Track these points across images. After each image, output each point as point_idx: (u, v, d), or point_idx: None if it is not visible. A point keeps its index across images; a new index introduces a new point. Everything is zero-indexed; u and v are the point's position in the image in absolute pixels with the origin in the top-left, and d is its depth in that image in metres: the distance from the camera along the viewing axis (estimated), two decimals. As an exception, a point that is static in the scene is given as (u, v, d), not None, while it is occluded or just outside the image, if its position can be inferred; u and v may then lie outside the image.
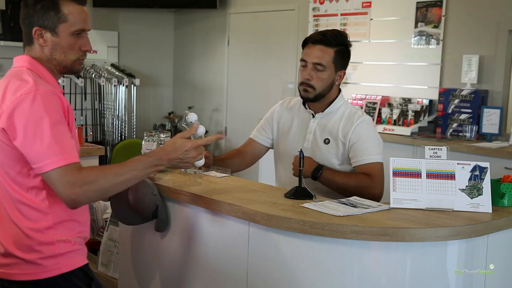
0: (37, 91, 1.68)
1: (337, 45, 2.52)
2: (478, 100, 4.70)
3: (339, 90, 2.64)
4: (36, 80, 1.73)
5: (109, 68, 6.71)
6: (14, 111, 1.66)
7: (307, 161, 2.40)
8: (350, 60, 2.63)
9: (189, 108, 7.01)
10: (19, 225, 1.75)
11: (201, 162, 2.40)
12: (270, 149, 2.82)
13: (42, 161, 1.65)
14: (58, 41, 1.80)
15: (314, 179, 2.45)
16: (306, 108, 2.64)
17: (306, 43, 2.57)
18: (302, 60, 2.56)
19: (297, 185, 2.08)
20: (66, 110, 1.75)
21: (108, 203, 2.77)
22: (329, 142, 2.54)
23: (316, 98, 2.55)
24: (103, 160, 4.25)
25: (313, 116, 2.61)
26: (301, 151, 2.16)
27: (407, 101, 5.16)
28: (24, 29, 1.84)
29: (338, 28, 5.78)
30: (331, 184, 2.46)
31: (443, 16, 5.02)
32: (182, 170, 2.38)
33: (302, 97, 2.61)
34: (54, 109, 1.69)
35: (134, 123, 6.96)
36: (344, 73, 2.59)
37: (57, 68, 1.85)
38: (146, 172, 1.81)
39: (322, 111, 2.59)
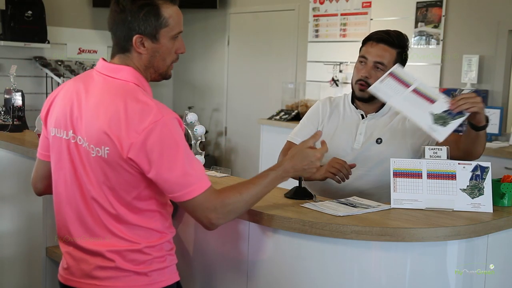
0: (164, 118, 1.60)
1: (400, 47, 2.45)
2: (478, 100, 4.70)
3: None
4: (156, 102, 1.65)
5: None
6: (146, 142, 1.58)
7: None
8: (351, 60, 2.61)
9: (189, 108, 7.01)
10: (135, 243, 1.72)
11: (201, 161, 2.40)
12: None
13: (181, 190, 1.62)
14: (158, 47, 1.71)
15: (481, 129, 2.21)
16: (356, 108, 2.56)
17: (368, 40, 2.49)
18: (362, 57, 2.47)
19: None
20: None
21: None
22: (381, 141, 2.47)
23: (372, 98, 2.45)
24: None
25: (363, 117, 2.53)
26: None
27: (407, 101, 5.16)
28: (119, 35, 1.71)
29: (338, 28, 5.79)
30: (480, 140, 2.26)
31: (443, 16, 5.02)
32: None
33: (357, 97, 2.51)
34: (181, 135, 1.64)
35: (134, 123, 6.95)
36: None
37: (152, 76, 1.76)
38: (274, 186, 1.81)
39: (375, 112, 2.52)
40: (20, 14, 6.01)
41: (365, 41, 2.51)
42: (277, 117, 5.80)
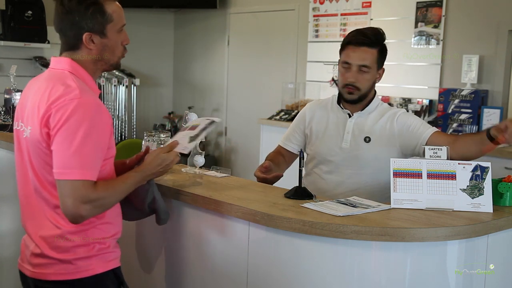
0: (81, 99, 1.69)
1: (379, 45, 2.49)
2: (478, 100, 4.70)
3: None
4: (82, 87, 1.74)
5: (109, 68, 6.73)
6: (55, 114, 1.68)
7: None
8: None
9: (189, 108, 7.00)
10: (57, 228, 1.77)
11: (201, 161, 2.40)
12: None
13: (61, 168, 1.67)
14: (107, 42, 1.83)
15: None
16: (342, 108, 2.58)
17: (347, 44, 2.50)
18: (345, 62, 2.49)
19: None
20: (109, 123, 1.76)
21: None
22: (370, 140, 2.50)
23: (360, 98, 2.52)
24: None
25: (350, 116, 2.56)
26: (301, 151, 2.15)
27: (407, 101, 5.16)
28: (68, 35, 1.82)
29: (338, 28, 5.79)
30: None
31: (443, 16, 5.02)
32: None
33: (346, 99, 2.54)
34: (93, 120, 1.69)
35: (134, 123, 6.96)
36: (383, 71, 2.55)
37: (103, 67, 1.88)
38: (137, 186, 1.89)
39: (361, 110, 2.55)
40: (20, 14, 6.00)
41: (344, 45, 2.52)
42: (277, 117, 5.80)
